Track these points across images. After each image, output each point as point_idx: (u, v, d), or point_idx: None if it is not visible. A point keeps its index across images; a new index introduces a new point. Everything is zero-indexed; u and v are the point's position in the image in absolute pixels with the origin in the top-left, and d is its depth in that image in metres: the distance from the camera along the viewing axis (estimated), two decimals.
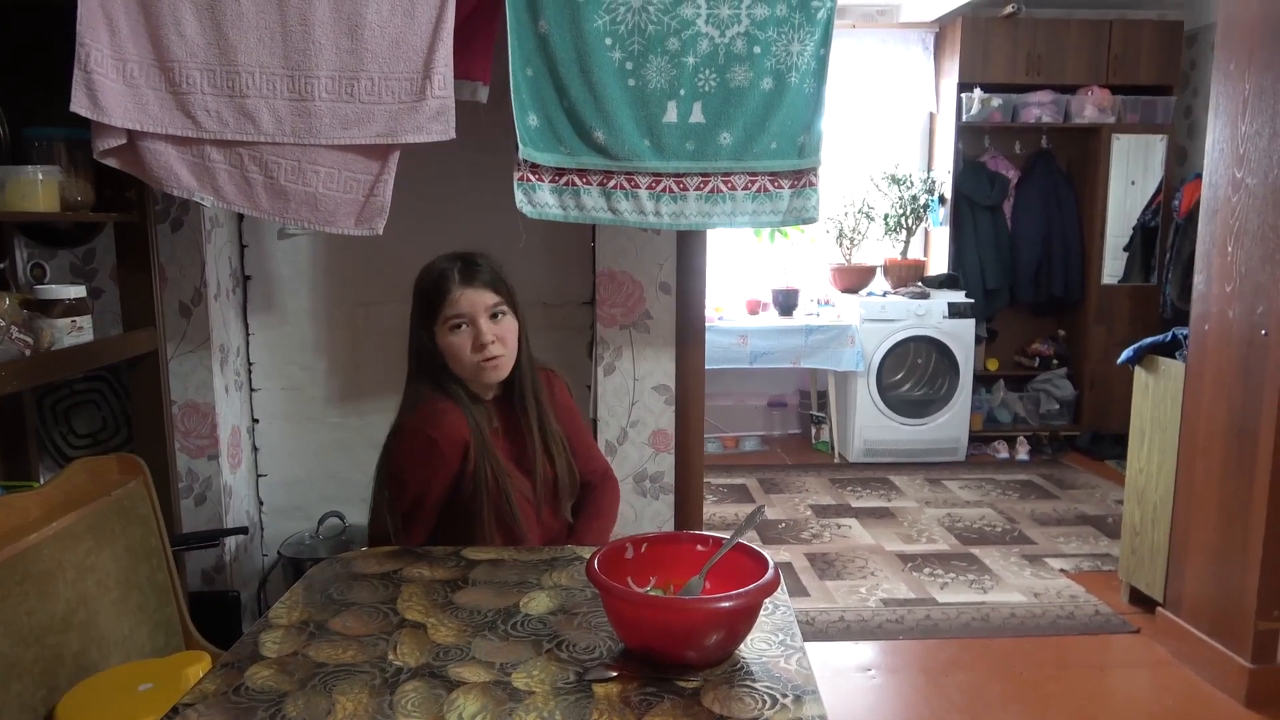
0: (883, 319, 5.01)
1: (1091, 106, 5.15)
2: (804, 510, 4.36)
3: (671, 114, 1.98)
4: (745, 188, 2.03)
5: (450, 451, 1.64)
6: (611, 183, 2.01)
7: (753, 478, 4.90)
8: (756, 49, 1.97)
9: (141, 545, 1.74)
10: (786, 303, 5.27)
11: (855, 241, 5.29)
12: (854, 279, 5.30)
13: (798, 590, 3.43)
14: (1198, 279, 2.86)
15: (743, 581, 1.21)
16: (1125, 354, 3.27)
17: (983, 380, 5.49)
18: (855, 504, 4.46)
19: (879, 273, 5.38)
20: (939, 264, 5.46)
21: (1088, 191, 5.33)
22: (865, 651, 2.99)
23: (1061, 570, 3.65)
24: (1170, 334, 3.10)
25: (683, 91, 1.98)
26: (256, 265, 2.65)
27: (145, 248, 2.20)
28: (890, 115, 5.51)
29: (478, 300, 1.69)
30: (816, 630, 3.11)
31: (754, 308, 5.35)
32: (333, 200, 1.96)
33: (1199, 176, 3.13)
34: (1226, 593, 2.73)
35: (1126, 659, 2.96)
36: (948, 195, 5.32)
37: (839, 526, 4.14)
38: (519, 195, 1.98)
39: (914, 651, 3.01)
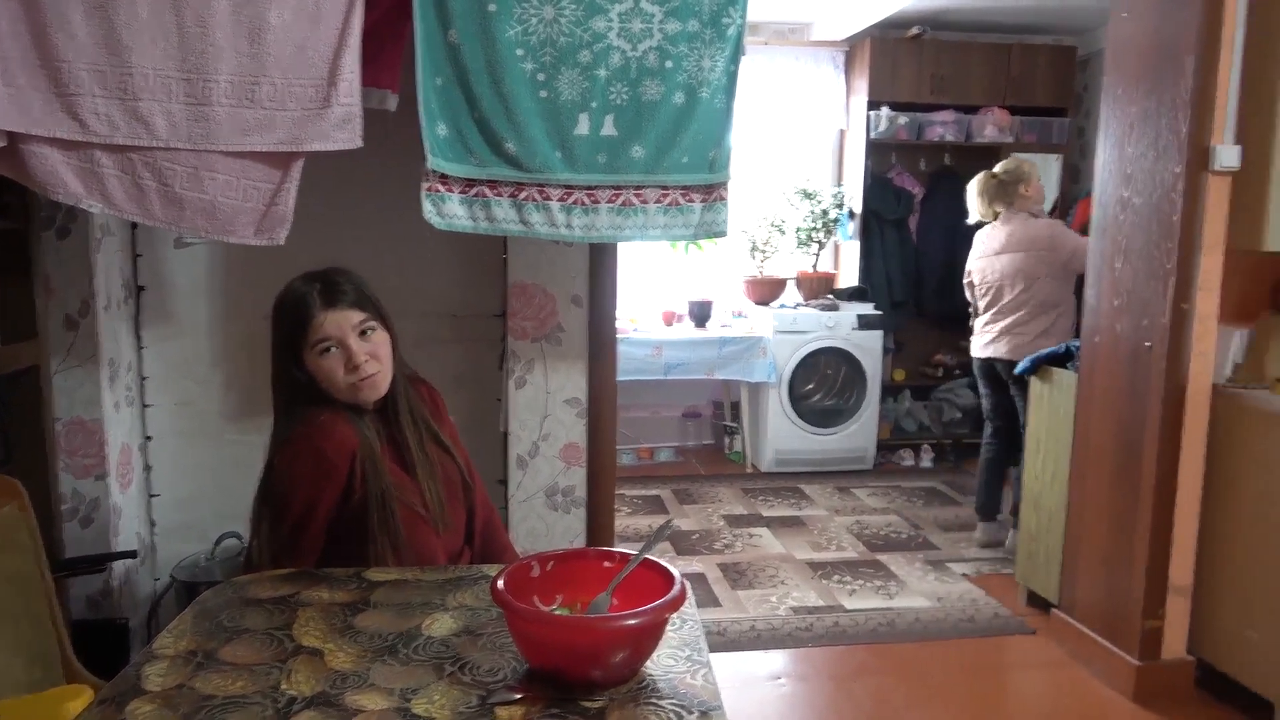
0: (794, 330, 5.10)
1: (991, 126, 5.36)
2: (717, 521, 4.40)
3: (583, 126, 1.98)
4: (657, 201, 2.04)
5: (339, 462, 1.58)
6: (523, 194, 1.99)
7: (667, 489, 4.92)
8: (668, 63, 1.98)
9: (18, 573, 1.64)
10: (701, 314, 5.32)
11: (767, 254, 5.37)
12: (767, 291, 5.38)
13: (709, 601, 3.45)
14: (1088, 293, 2.99)
15: (650, 597, 1.20)
16: (1022, 365, 3.40)
17: (890, 390, 5.63)
18: (767, 513, 4.52)
19: (791, 285, 5.47)
20: (849, 276, 5.58)
21: None
22: (775, 660, 3.03)
23: (964, 575, 3.76)
24: (1064, 346, 3.23)
25: (595, 104, 1.97)
26: (151, 275, 2.54)
27: (27, 256, 2.09)
28: (802, 130, 5.63)
29: (343, 320, 1.62)
30: (728, 640, 3.13)
31: (669, 319, 5.38)
32: (231, 209, 1.89)
33: (1090, 194, 3.28)
34: (1115, 594, 2.86)
35: (1024, 660, 3.07)
36: (857, 210, 5.45)
37: (751, 536, 4.19)
38: (427, 206, 1.94)
39: (823, 658, 3.06)
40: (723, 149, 2.04)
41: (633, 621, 1.15)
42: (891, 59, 5.25)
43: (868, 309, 5.20)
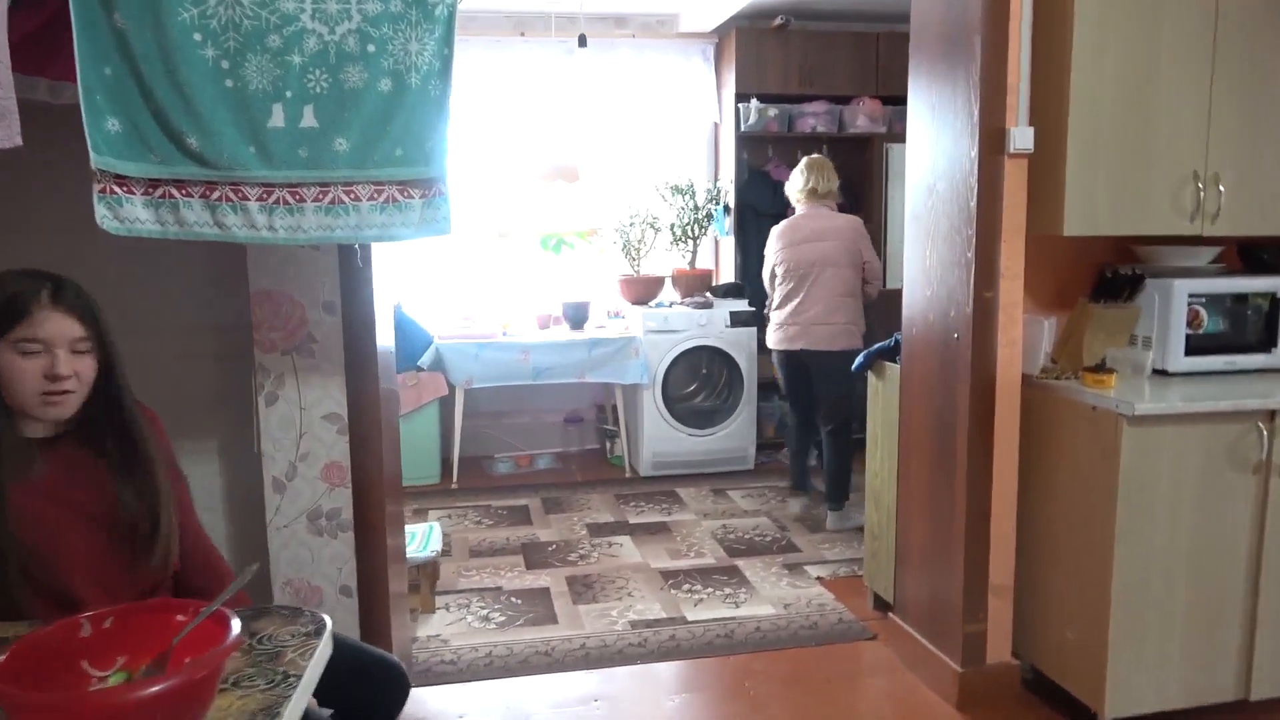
0: (666, 330, 4.95)
1: (864, 116, 5.27)
2: (579, 530, 4.23)
3: (278, 118, 1.80)
4: (371, 198, 1.86)
5: None
6: (215, 194, 1.80)
7: (537, 497, 4.74)
8: (371, 47, 1.81)
9: None
10: (577, 316, 5.16)
11: (642, 252, 5.22)
12: (643, 290, 5.23)
13: (547, 618, 3.28)
14: (907, 284, 2.88)
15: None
16: (857, 361, 3.28)
17: (776, 388, 5.51)
18: (634, 520, 4.36)
19: (668, 283, 5.33)
20: (727, 273, 5.46)
21: (866, 198, 5.44)
22: (597, 680, 2.86)
23: (818, 578, 3.64)
24: (894, 339, 3.12)
25: (289, 93, 1.79)
26: None
27: None
28: (676, 125, 5.50)
29: (64, 329, 1.48)
30: (552, 661, 2.97)
31: (545, 322, 5.21)
32: None
33: None
34: (938, 596, 2.74)
35: (858, 668, 2.95)
36: (732, 204, 5.33)
37: (610, 545, 4.03)
38: (100, 210, 1.74)
39: (651, 675, 2.90)
40: (439, 139, 1.87)
41: (150, 691, 0.98)
42: (757, 50, 5.14)
43: (741, 305, 5.08)
